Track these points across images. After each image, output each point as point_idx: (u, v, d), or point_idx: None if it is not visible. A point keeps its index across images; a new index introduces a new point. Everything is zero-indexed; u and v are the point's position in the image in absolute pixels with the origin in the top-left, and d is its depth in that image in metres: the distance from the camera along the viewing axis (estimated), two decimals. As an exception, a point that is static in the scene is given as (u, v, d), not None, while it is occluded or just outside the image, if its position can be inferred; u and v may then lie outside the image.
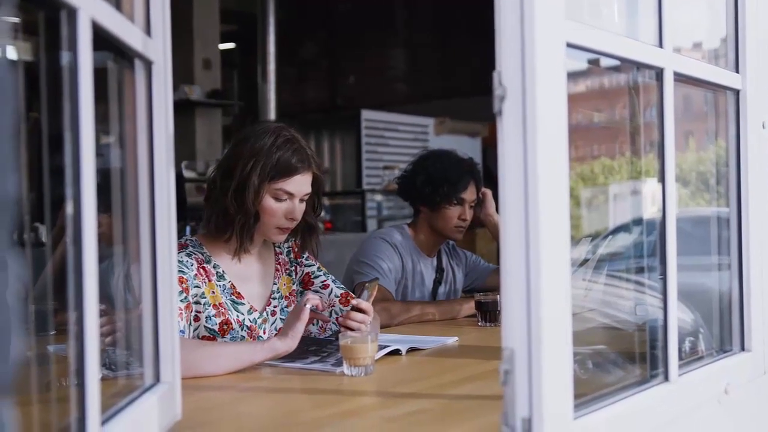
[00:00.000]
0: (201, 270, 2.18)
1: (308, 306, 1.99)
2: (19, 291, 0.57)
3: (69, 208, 0.96)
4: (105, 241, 1.08)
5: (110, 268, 1.32)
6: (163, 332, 1.35)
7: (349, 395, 1.75)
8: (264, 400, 1.72)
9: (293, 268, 2.41)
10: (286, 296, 2.37)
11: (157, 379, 1.35)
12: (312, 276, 2.42)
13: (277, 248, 2.40)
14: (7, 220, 0.57)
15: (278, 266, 2.38)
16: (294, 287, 2.40)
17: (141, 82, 1.31)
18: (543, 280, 1.15)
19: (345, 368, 1.86)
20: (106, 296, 1.22)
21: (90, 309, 0.98)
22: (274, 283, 2.35)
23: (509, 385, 1.16)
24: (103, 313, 1.04)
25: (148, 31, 1.32)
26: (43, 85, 1.02)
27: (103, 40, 1.07)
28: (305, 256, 2.43)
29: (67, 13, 0.95)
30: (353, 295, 2.41)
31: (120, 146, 1.33)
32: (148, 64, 1.31)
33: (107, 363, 1.34)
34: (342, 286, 2.45)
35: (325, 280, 2.42)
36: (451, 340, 2.35)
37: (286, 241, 2.36)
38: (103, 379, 1.05)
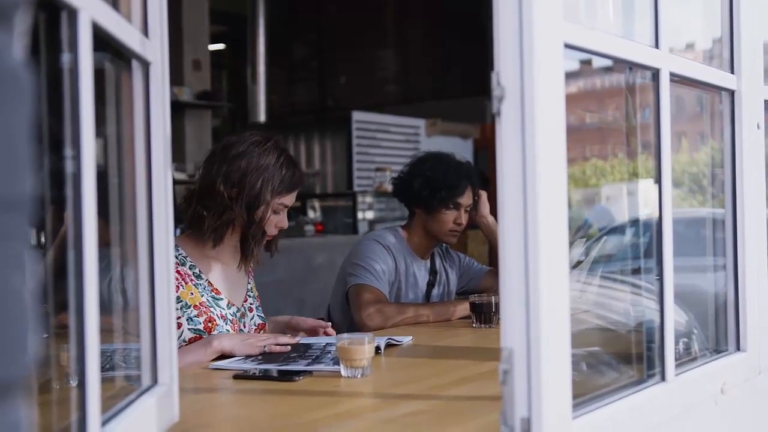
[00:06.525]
0: (175, 274, 2.18)
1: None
2: (36, 290, 0.57)
3: (69, 210, 0.96)
4: (100, 243, 1.08)
5: (105, 270, 1.31)
6: (160, 334, 1.35)
7: (345, 396, 1.75)
8: (261, 402, 1.72)
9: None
10: (257, 296, 2.46)
11: (154, 380, 1.34)
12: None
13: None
14: (25, 219, 0.57)
15: (250, 268, 2.45)
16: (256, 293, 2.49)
17: (138, 83, 1.31)
18: (542, 280, 1.15)
19: (342, 369, 1.86)
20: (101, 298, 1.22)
21: (90, 311, 0.97)
22: (249, 282, 2.44)
23: (508, 385, 1.16)
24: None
25: (145, 31, 1.31)
26: (42, 85, 1.01)
27: (100, 40, 1.06)
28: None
29: (67, 13, 0.94)
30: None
31: (117, 147, 1.32)
32: (145, 65, 1.31)
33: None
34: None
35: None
36: (406, 340, 2.35)
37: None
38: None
